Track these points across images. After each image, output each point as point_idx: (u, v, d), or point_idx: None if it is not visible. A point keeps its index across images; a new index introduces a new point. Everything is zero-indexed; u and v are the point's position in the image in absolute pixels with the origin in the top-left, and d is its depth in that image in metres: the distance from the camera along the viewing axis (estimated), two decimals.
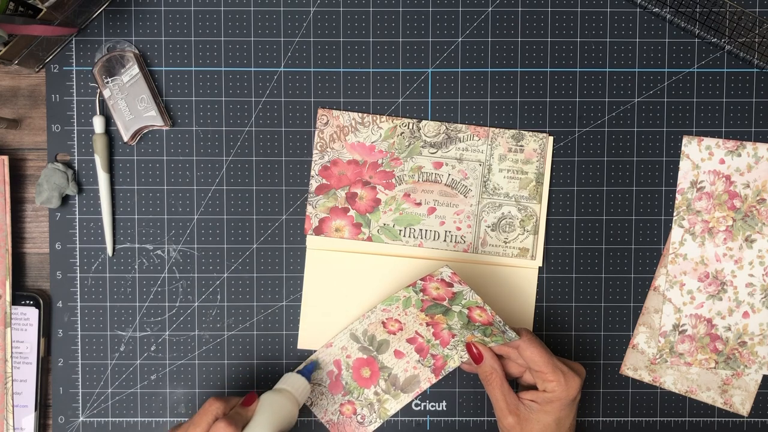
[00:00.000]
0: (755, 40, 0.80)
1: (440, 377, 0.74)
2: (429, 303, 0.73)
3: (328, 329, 0.80)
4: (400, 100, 0.80)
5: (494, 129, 0.80)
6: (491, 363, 0.72)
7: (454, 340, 0.73)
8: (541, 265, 0.81)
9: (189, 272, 0.80)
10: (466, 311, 0.72)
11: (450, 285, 0.72)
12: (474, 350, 0.72)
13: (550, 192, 0.81)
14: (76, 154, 0.80)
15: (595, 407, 0.81)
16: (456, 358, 0.74)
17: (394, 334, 0.75)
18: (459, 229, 0.80)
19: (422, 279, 0.74)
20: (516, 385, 0.78)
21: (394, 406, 0.75)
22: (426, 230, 0.80)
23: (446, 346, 0.74)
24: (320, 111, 0.80)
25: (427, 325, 0.74)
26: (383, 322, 0.75)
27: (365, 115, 0.80)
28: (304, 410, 0.80)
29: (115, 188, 0.80)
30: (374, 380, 0.76)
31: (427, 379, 0.74)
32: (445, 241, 0.80)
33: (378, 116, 0.80)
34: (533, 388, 0.73)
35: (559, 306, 0.81)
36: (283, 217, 0.80)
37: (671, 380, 0.81)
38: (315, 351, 0.80)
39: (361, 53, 0.80)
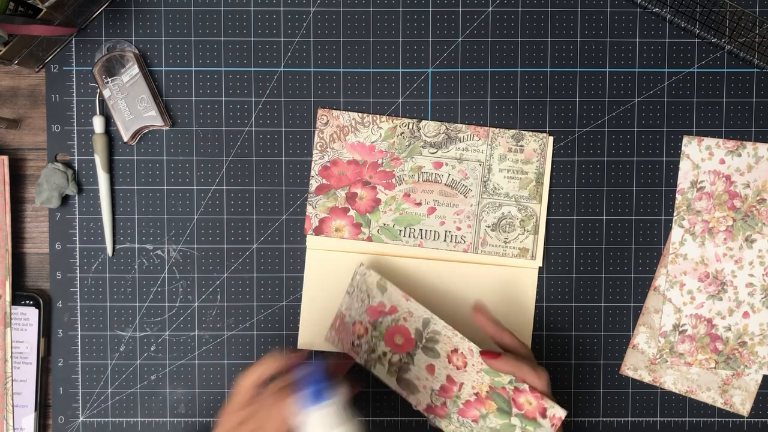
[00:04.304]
0: (755, 40, 0.80)
1: (425, 414, 0.74)
2: (503, 394, 0.72)
3: (328, 330, 0.80)
4: (400, 100, 0.80)
5: (494, 129, 0.80)
6: None
7: (476, 425, 0.72)
8: (541, 265, 0.81)
9: (189, 272, 0.80)
10: None
11: (543, 415, 0.71)
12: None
13: (550, 192, 0.81)
14: (76, 154, 0.80)
15: (595, 407, 0.81)
16: (452, 429, 0.73)
17: (449, 362, 0.74)
18: (459, 229, 0.80)
19: (534, 391, 0.71)
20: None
21: (381, 376, 0.74)
22: (426, 230, 0.80)
23: (459, 414, 0.73)
24: (320, 111, 0.80)
25: (475, 393, 0.73)
26: (455, 349, 0.73)
27: (365, 115, 0.80)
28: None
29: (115, 188, 0.80)
30: (392, 348, 0.74)
31: (418, 403, 0.74)
32: (445, 241, 0.80)
33: (378, 116, 0.80)
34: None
35: (559, 306, 0.81)
36: (283, 217, 0.80)
37: (671, 380, 0.81)
38: (314, 351, 0.80)
39: (361, 53, 0.80)
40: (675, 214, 0.80)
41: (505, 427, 0.71)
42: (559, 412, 0.69)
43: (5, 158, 0.78)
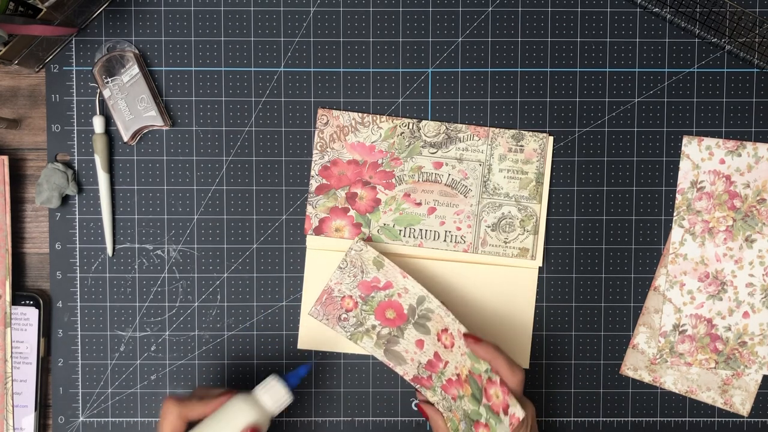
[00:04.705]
0: (755, 40, 0.80)
1: (414, 385, 0.75)
2: (478, 381, 0.72)
3: (328, 329, 0.80)
4: (400, 100, 0.80)
5: (494, 129, 0.80)
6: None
7: (454, 403, 0.73)
8: (541, 265, 0.81)
9: (189, 272, 0.80)
10: (488, 419, 0.71)
11: (506, 412, 0.70)
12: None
13: (550, 192, 0.81)
14: (76, 154, 0.80)
15: (595, 407, 0.81)
16: (435, 400, 0.74)
17: (438, 340, 0.75)
18: (459, 229, 0.80)
19: (503, 385, 0.70)
20: None
21: (367, 348, 0.75)
22: (426, 230, 0.80)
23: (442, 389, 0.74)
24: (320, 111, 0.80)
25: (456, 374, 0.73)
26: (446, 329, 0.74)
27: (365, 115, 0.80)
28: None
29: (115, 188, 0.80)
30: (382, 321, 0.76)
31: (405, 373, 0.75)
32: (445, 241, 0.80)
33: (378, 116, 0.80)
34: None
35: (559, 306, 0.81)
36: (283, 217, 0.80)
37: (671, 380, 0.81)
38: (314, 351, 0.80)
39: (361, 53, 0.80)
40: (675, 214, 0.80)
41: (474, 414, 0.72)
42: (518, 413, 0.69)
43: (5, 158, 0.78)
